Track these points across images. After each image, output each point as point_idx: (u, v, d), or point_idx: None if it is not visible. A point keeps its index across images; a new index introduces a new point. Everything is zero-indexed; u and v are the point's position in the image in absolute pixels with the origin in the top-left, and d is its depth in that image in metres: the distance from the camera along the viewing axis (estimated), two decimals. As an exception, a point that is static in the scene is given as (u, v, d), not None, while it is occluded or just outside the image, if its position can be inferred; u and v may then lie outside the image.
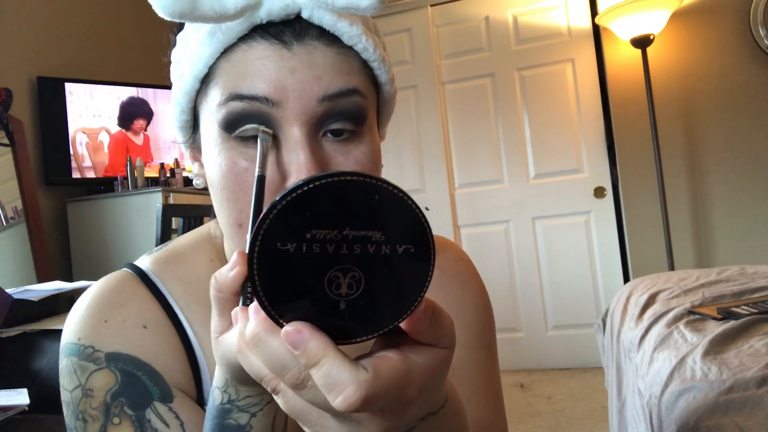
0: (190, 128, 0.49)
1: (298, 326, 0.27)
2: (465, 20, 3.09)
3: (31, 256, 2.16)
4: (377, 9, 0.40)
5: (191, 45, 0.45)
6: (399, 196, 0.26)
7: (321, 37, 0.42)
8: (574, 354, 2.91)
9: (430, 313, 0.29)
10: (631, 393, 1.23)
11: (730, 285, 1.45)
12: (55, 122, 2.40)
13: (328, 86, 0.42)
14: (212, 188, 0.45)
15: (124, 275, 0.53)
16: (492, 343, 0.61)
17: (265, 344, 0.28)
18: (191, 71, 0.44)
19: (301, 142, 0.41)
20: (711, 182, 2.65)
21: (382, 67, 0.47)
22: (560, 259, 2.96)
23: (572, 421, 2.25)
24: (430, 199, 3.11)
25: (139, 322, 0.50)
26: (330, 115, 0.42)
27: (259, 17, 0.41)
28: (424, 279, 0.28)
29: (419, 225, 0.27)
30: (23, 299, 1.30)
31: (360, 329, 0.28)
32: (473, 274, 0.63)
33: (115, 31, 2.84)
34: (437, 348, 0.29)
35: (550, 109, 2.96)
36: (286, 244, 0.26)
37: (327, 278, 0.26)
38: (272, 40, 0.41)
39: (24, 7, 2.35)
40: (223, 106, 0.42)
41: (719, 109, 2.62)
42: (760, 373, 0.87)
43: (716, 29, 2.62)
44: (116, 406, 0.46)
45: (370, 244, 0.26)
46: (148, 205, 2.30)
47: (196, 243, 0.57)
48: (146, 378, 0.48)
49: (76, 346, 0.48)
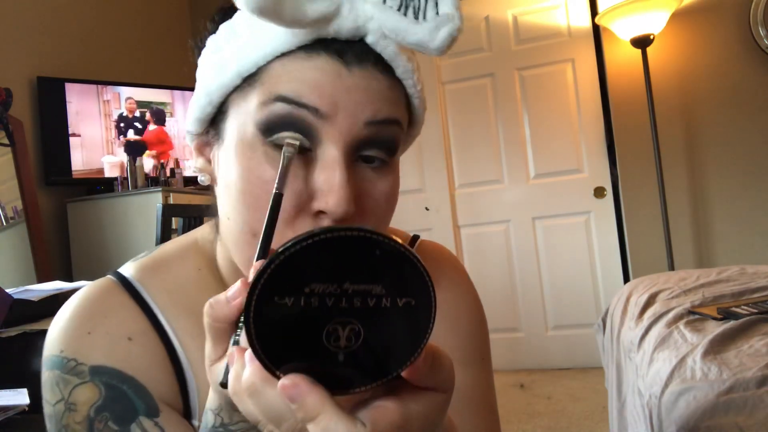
0: (209, 121, 0.47)
1: (295, 379, 0.26)
2: (465, 20, 3.06)
3: (31, 256, 2.16)
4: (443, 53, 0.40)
5: (240, 39, 0.43)
6: (400, 251, 0.26)
7: (378, 64, 0.42)
8: (574, 354, 2.91)
9: (429, 361, 0.28)
10: (631, 393, 1.23)
11: (730, 285, 1.45)
12: (55, 122, 2.40)
13: (377, 112, 0.41)
14: (228, 189, 0.44)
15: (107, 283, 0.51)
16: (486, 356, 0.60)
17: (261, 395, 0.27)
18: (236, 66, 0.42)
19: (339, 161, 0.40)
20: (711, 182, 2.65)
21: (421, 106, 0.47)
22: (560, 259, 2.96)
23: (572, 421, 2.25)
24: (430, 199, 3.11)
25: (123, 334, 0.48)
26: (371, 141, 0.42)
27: (328, 32, 0.40)
28: (425, 330, 0.27)
29: (421, 279, 0.27)
30: (23, 299, 1.30)
31: (358, 380, 0.28)
32: (467, 283, 0.62)
33: (115, 31, 2.84)
34: (436, 392, 0.29)
35: (550, 109, 2.96)
36: (284, 298, 0.25)
37: (326, 331, 0.26)
38: (335, 57, 0.41)
39: (24, 7, 2.35)
40: (265, 106, 0.41)
41: (719, 109, 2.62)
42: (760, 373, 0.87)
43: (716, 29, 2.62)
44: (100, 421, 0.45)
45: (370, 297, 0.26)
46: (148, 205, 2.30)
47: (183, 250, 0.55)
48: (131, 392, 0.46)
49: (58, 358, 0.47)
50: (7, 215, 2.15)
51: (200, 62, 0.47)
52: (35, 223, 2.21)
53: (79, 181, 2.47)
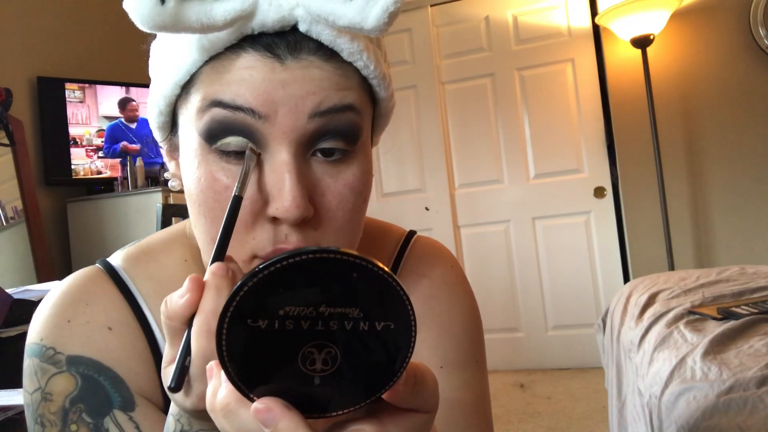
0: (168, 129, 0.46)
1: (268, 404, 0.25)
2: (465, 20, 3.09)
3: (31, 256, 2.16)
4: (383, 31, 0.37)
5: (172, 45, 0.42)
6: (378, 273, 0.25)
7: (318, 51, 0.39)
8: (574, 354, 2.91)
9: (411, 383, 0.27)
10: (631, 393, 1.23)
11: (730, 285, 1.45)
12: (55, 122, 2.40)
13: (322, 102, 0.39)
14: (189, 198, 0.43)
15: (93, 271, 0.51)
16: (481, 358, 0.57)
17: (235, 416, 0.27)
18: (172, 76, 0.41)
19: (288, 164, 0.38)
20: (711, 182, 2.65)
21: (382, 84, 0.44)
22: (560, 259, 2.96)
23: (572, 421, 2.25)
24: (430, 199, 3.11)
25: (104, 323, 0.47)
26: (322, 133, 0.40)
27: (251, 28, 0.38)
28: (405, 354, 0.26)
29: (400, 302, 0.26)
30: (23, 299, 1.30)
31: (335, 404, 0.27)
32: (463, 283, 0.59)
33: (115, 31, 2.84)
34: (419, 413, 0.28)
35: (550, 109, 2.96)
36: (257, 321, 0.25)
37: (301, 354, 0.25)
38: (263, 52, 0.38)
39: (24, 7, 2.35)
40: (203, 113, 0.39)
41: (719, 109, 2.62)
42: (760, 373, 0.87)
43: (716, 29, 2.62)
44: (74, 412, 0.44)
45: (347, 320, 0.25)
46: (148, 205, 2.30)
47: (170, 241, 0.54)
48: (108, 384, 0.45)
49: (38, 346, 0.46)
50: (7, 215, 2.15)
51: (149, 71, 0.46)
52: (35, 223, 2.21)
53: (79, 181, 2.47)
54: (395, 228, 0.61)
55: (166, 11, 0.35)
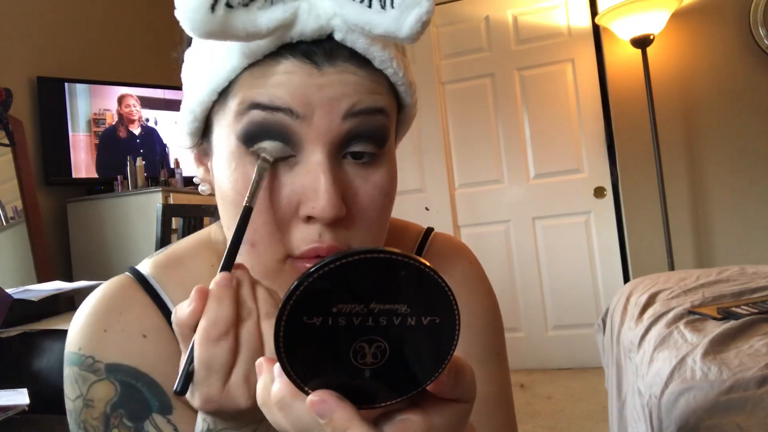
0: (199, 134, 0.47)
1: (323, 396, 0.27)
2: (465, 20, 3.09)
3: (31, 256, 2.16)
4: (416, 39, 0.39)
5: (209, 54, 0.43)
6: (425, 271, 0.27)
7: (352, 59, 0.41)
8: (574, 354, 2.91)
9: (453, 375, 0.29)
10: (631, 393, 1.23)
11: (730, 285, 1.45)
12: (55, 122, 2.40)
13: (356, 103, 0.41)
14: (223, 201, 0.44)
15: (124, 280, 0.52)
16: (502, 351, 0.60)
17: (291, 408, 0.29)
18: (209, 83, 0.43)
19: (323, 165, 0.40)
20: (711, 182, 2.65)
21: (408, 91, 0.46)
22: (560, 259, 2.96)
23: (572, 421, 2.25)
24: (430, 199, 3.11)
25: (138, 331, 0.49)
26: (353, 135, 0.41)
27: (290, 36, 0.40)
28: (449, 347, 0.28)
29: (445, 297, 0.27)
30: (23, 299, 1.30)
31: (384, 395, 0.29)
32: (482, 278, 0.62)
33: (116, 31, 2.84)
34: (459, 403, 0.30)
35: (550, 109, 2.96)
36: (312, 318, 0.26)
37: (353, 349, 0.27)
38: (302, 59, 0.40)
39: (24, 7, 2.35)
40: (242, 116, 0.41)
41: (719, 109, 2.62)
42: (760, 373, 0.87)
43: (716, 29, 2.62)
44: (115, 417, 0.46)
45: (395, 316, 0.27)
46: (148, 205, 2.30)
47: (196, 247, 0.56)
48: (145, 389, 0.47)
49: (76, 355, 0.48)
50: (7, 215, 2.15)
51: (182, 77, 0.48)
52: (35, 223, 2.21)
53: (79, 181, 2.47)
54: (413, 225, 0.63)
55: (216, 19, 0.37)
